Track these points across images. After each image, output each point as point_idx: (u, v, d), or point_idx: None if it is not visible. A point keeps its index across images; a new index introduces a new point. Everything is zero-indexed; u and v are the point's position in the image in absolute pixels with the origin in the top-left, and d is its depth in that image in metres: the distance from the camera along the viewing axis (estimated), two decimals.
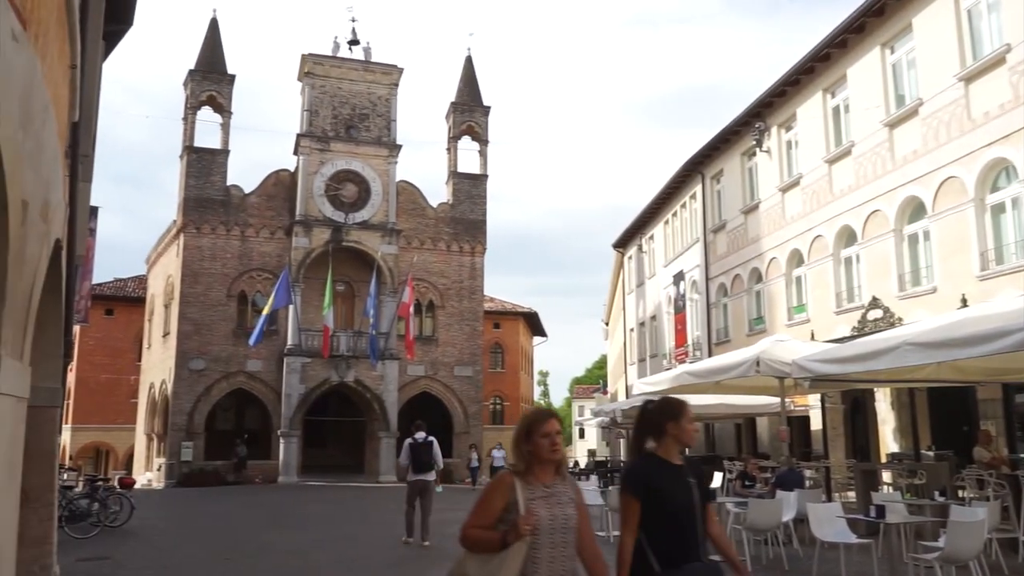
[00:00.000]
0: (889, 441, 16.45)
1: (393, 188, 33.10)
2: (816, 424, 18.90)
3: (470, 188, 35.24)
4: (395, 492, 17.36)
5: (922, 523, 8.97)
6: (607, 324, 47.74)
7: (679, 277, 26.89)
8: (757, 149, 21.04)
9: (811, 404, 18.81)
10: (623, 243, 35.32)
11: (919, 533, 9.01)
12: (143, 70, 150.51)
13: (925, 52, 14.86)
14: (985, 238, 13.29)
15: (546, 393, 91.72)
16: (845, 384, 13.52)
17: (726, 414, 19.47)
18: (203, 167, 31.64)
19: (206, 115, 32.37)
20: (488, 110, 35.69)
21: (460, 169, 35.31)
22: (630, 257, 34.97)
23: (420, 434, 12.12)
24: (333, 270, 30.18)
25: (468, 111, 35.39)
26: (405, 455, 12.18)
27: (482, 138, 35.52)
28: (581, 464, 43.72)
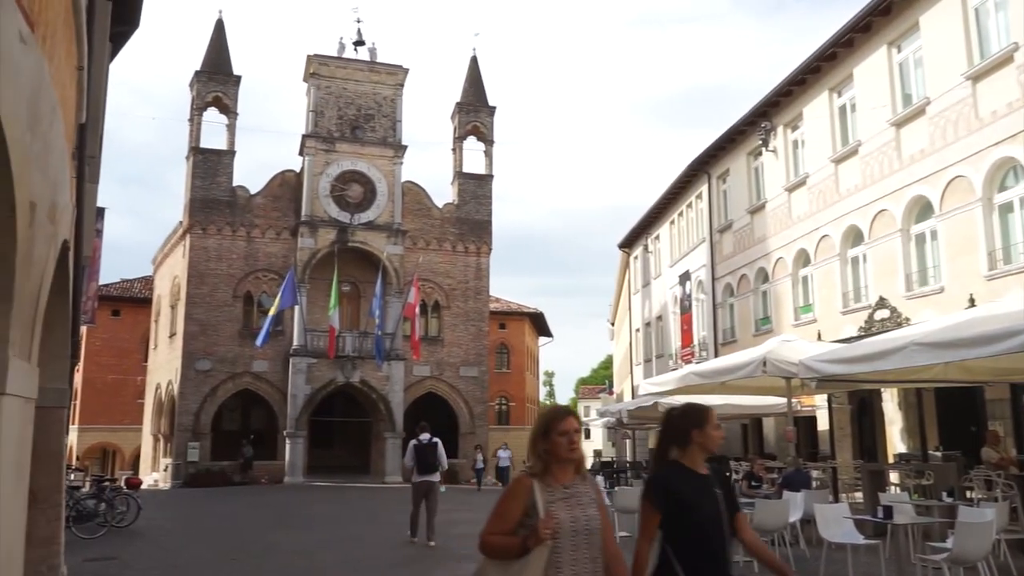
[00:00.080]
0: (896, 441, 16.38)
1: (398, 189, 33.12)
2: (823, 424, 18.85)
3: (475, 188, 35.24)
4: (401, 492, 17.36)
5: (930, 524, 8.94)
6: (613, 324, 47.68)
7: (685, 277, 26.84)
8: (763, 149, 20.99)
9: (818, 404, 18.75)
10: (629, 243, 35.27)
11: (927, 534, 8.99)
12: (149, 71, 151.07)
13: (932, 51, 14.79)
14: (993, 237, 13.22)
15: (552, 394, 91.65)
16: (852, 384, 13.48)
17: (732, 414, 19.39)
18: (209, 168, 31.73)
19: (212, 116, 32.50)
20: (493, 110, 35.68)
21: (465, 169, 35.30)
22: (636, 257, 34.92)
23: (424, 435, 12.17)
24: (339, 271, 30.25)
25: (473, 111, 35.39)
26: (410, 456, 12.29)
27: (487, 138, 35.50)
28: (587, 464, 43.62)
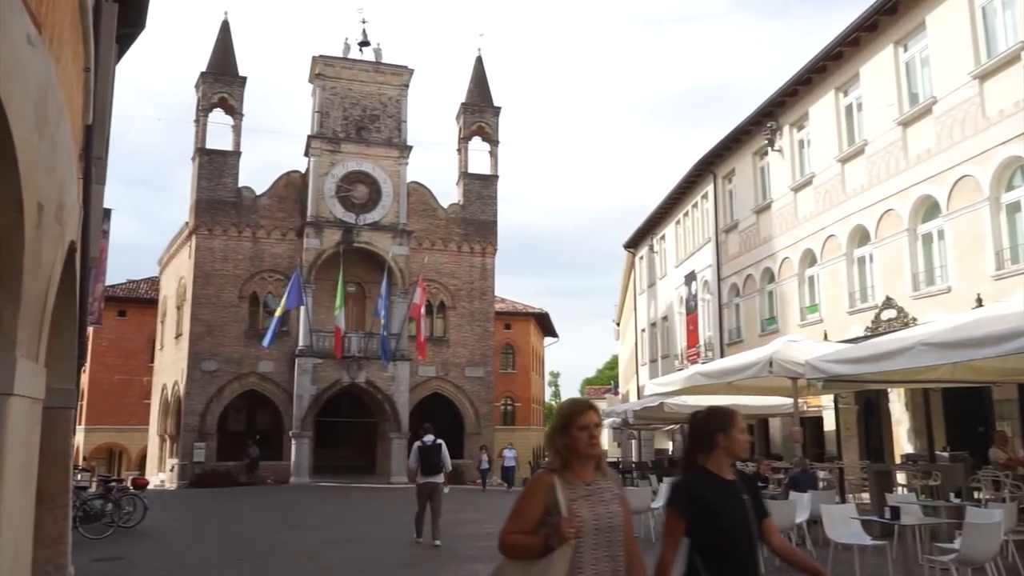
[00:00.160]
0: (903, 442, 16.33)
1: (404, 189, 33.14)
2: (829, 425, 18.79)
3: (480, 189, 35.24)
4: (406, 493, 17.36)
5: (937, 525, 8.90)
6: (618, 325, 47.66)
7: (691, 277, 26.80)
8: (769, 148, 20.94)
9: (824, 405, 18.70)
10: (634, 243, 35.22)
11: (934, 535, 8.94)
12: (155, 73, 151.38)
13: (939, 50, 14.74)
14: (1000, 237, 13.17)
15: (557, 394, 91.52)
16: (859, 384, 13.45)
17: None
18: (215, 169, 31.80)
19: (218, 117, 32.59)
20: (498, 111, 35.67)
21: (470, 170, 35.32)
22: (641, 257, 34.87)
23: (428, 437, 12.19)
24: (344, 271, 30.28)
25: (478, 112, 35.40)
26: (413, 458, 12.35)
27: (492, 139, 35.50)
28: None
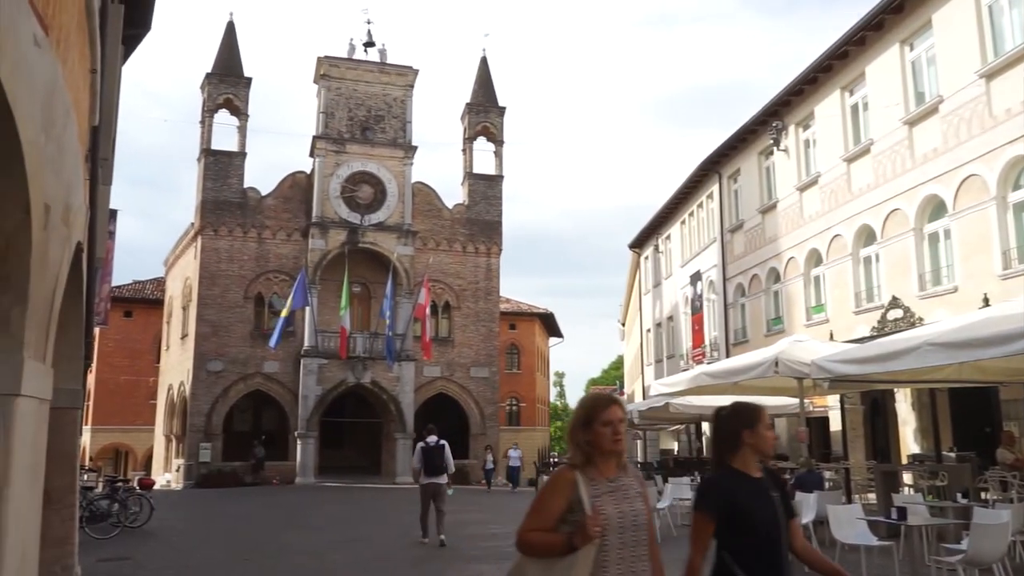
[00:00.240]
0: (910, 442, 16.27)
1: (409, 189, 33.17)
2: (835, 425, 18.74)
3: (485, 189, 35.24)
4: (412, 493, 17.33)
5: (944, 525, 8.88)
6: (623, 325, 47.58)
7: (696, 277, 26.76)
8: (774, 148, 20.90)
9: (830, 405, 18.65)
10: (639, 243, 35.18)
11: (941, 535, 8.92)
12: (161, 74, 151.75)
13: (945, 49, 14.69)
14: (1007, 236, 13.12)
15: (562, 394, 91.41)
16: (865, 385, 13.40)
17: None
18: (220, 170, 31.87)
19: (223, 118, 32.67)
20: (503, 111, 35.67)
21: (475, 170, 35.33)
22: (646, 257, 34.83)
23: (432, 438, 12.21)
24: (349, 271, 30.31)
25: (483, 112, 35.40)
26: (417, 459, 12.36)
27: (497, 139, 35.50)
28: None
